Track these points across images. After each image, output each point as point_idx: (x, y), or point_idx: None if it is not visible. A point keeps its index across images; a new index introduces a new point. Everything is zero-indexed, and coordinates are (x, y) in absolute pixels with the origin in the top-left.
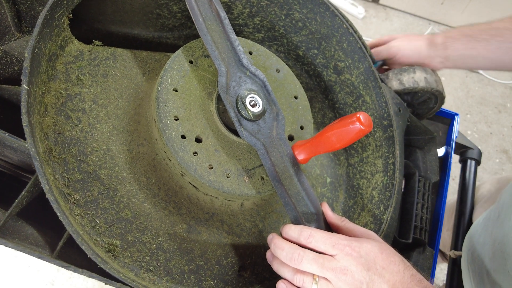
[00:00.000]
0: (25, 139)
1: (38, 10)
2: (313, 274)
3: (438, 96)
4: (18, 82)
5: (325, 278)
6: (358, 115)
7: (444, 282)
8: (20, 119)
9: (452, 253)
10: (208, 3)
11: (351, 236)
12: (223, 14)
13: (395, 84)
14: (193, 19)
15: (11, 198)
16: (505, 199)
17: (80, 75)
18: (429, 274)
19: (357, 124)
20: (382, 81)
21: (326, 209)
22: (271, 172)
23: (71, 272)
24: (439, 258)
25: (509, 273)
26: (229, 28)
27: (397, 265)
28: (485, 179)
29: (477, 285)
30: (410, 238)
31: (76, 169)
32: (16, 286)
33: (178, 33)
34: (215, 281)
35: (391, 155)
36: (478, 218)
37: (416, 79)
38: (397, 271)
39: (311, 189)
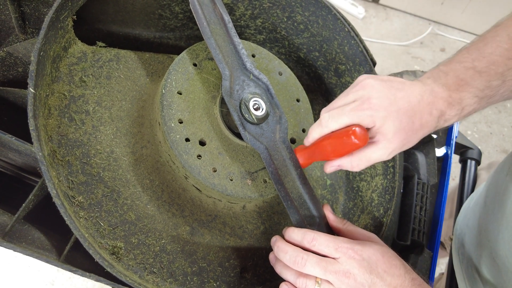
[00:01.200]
0: (30, 141)
1: (42, 11)
2: (316, 277)
3: None
4: (22, 84)
5: (328, 281)
6: (353, 128)
7: (442, 271)
8: (24, 121)
9: (449, 238)
10: (212, 7)
11: (352, 239)
12: (227, 17)
13: None
14: (197, 22)
15: (13, 199)
16: (490, 188)
17: (83, 77)
18: (428, 276)
19: (352, 138)
20: None
21: (328, 211)
22: (274, 176)
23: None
24: (440, 250)
25: (494, 260)
26: (233, 31)
27: (398, 269)
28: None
29: (465, 269)
30: (409, 240)
31: (80, 172)
32: (16, 286)
33: (179, 34)
34: (218, 283)
35: (390, 158)
36: (467, 201)
37: None
38: (399, 275)
39: (313, 192)
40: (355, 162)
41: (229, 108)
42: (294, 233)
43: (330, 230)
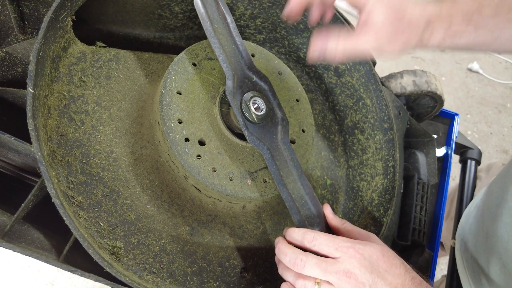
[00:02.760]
0: (29, 142)
1: (42, 12)
2: (316, 278)
3: (433, 96)
4: (21, 84)
5: (328, 282)
6: None
7: (444, 274)
8: (24, 121)
9: (452, 243)
10: (215, 6)
11: (351, 239)
12: (229, 18)
13: None
14: (201, 21)
15: (13, 200)
16: (492, 190)
17: (83, 77)
18: (428, 275)
19: None
20: (382, 84)
21: (328, 211)
22: (276, 176)
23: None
24: (440, 250)
25: (505, 266)
26: (235, 31)
27: (398, 268)
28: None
29: (471, 274)
30: (409, 240)
31: (79, 172)
32: (16, 286)
33: (179, 34)
34: (218, 283)
35: (391, 158)
36: (469, 205)
37: (403, 84)
38: (399, 274)
39: (313, 193)
40: (341, 47)
41: (233, 108)
42: (295, 233)
43: (330, 230)
